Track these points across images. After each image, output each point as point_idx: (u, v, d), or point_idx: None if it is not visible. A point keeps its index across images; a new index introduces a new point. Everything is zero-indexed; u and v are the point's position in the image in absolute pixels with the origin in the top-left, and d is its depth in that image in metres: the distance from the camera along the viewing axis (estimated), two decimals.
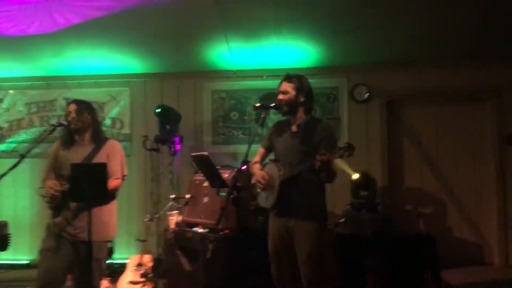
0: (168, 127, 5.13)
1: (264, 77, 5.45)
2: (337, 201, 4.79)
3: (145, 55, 5.15)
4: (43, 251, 2.94)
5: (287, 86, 2.89)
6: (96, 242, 2.75)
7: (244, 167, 4.15)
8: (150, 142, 5.11)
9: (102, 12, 4.13)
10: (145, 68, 5.50)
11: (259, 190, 2.94)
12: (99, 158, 3.02)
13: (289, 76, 2.94)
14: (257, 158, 3.08)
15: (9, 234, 2.80)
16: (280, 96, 2.90)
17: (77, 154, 3.03)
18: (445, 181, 5.21)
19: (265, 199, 2.90)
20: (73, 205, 2.89)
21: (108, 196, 2.69)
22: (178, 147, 5.19)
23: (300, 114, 2.91)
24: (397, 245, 3.96)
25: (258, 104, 2.94)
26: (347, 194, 4.77)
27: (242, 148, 5.45)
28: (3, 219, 5.48)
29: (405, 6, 3.93)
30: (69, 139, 3.11)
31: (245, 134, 5.50)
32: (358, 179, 4.63)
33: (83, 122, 3.08)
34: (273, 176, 2.82)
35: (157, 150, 5.17)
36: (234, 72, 5.48)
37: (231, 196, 2.73)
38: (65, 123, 2.97)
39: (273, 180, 2.81)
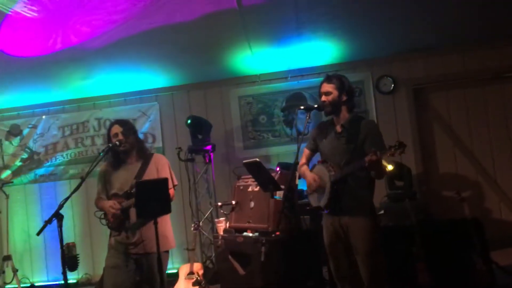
0: (200, 136, 5.23)
1: (289, 78, 5.51)
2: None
3: (171, 69, 5.27)
4: (108, 269, 3.04)
5: (328, 87, 2.93)
6: (161, 253, 2.83)
7: (277, 168, 4.27)
8: (184, 153, 5.22)
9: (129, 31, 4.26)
10: (172, 81, 5.61)
11: (310, 192, 2.99)
12: (149, 172, 3.13)
13: (329, 76, 2.97)
14: (303, 160, 3.12)
15: (77, 254, 2.89)
16: (323, 98, 2.93)
17: (128, 172, 3.13)
18: (479, 163, 5.22)
19: (317, 200, 2.95)
20: (132, 221, 2.99)
21: (170, 210, 2.78)
22: (211, 155, 5.28)
23: (344, 113, 2.95)
24: (444, 231, 3.98)
25: (302, 107, 2.99)
26: (382, 186, 4.79)
27: (273, 151, 5.53)
28: (46, 239, 5.70)
29: None
30: (117, 160, 3.21)
31: (275, 136, 5.57)
32: (392, 170, 4.67)
33: (131, 142, 3.19)
34: (324, 177, 2.87)
35: (192, 160, 5.28)
36: (259, 76, 5.55)
37: (286, 199, 2.79)
38: (117, 143, 3.07)
39: (323, 181, 2.87)
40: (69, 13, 3.80)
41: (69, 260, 2.74)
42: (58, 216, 2.61)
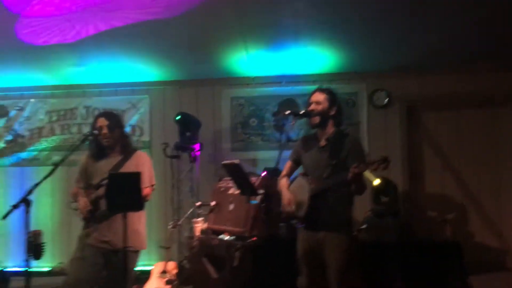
0: (188, 134, 5.14)
1: (283, 83, 5.46)
2: (357, 207, 4.71)
3: (164, 63, 5.20)
4: (74, 260, 2.97)
5: (320, 97, 2.90)
6: (129, 251, 2.76)
7: (264, 173, 4.20)
8: (170, 149, 5.14)
9: (124, 21, 4.20)
10: (164, 76, 5.54)
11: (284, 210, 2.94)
12: (127, 168, 3.05)
13: (322, 88, 2.96)
14: (284, 171, 3.08)
15: (43, 243, 2.81)
16: (313, 106, 2.89)
17: (106, 165, 3.07)
18: (466, 186, 5.18)
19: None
20: (105, 215, 2.92)
21: (143, 205, 2.71)
22: (198, 154, 5.21)
23: (330, 127, 2.90)
24: (423, 252, 3.93)
25: (288, 112, 2.94)
26: (367, 200, 4.73)
27: (261, 155, 5.47)
28: (23, 224, 5.58)
29: (422, 12, 3.95)
30: (98, 151, 3.14)
31: (264, 140, 5.51)
32: (379, 185, 4.62)
33: (115, 137, 3.12)
34: (303, 190, 2.82)
35: (177, 157, 5.19)
36: (253, 78, 5.49)
37: (263, 204, 2.74)
38: (96, 132, 3.01)
39: (302, 195, 2.82)
40: None
41: (34, 248, 2.65)
42: (26, 202, 2.53)
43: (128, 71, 5.36)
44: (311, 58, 5.03)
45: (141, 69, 5.33)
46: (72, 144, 5.56)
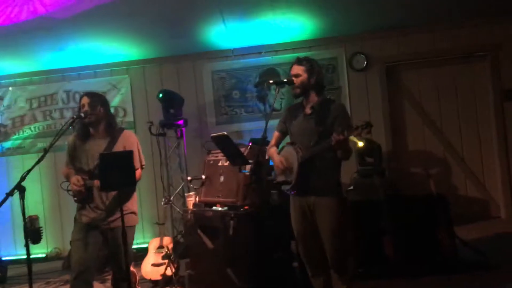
0: (172, 111, 5.15)
1: (262, 53, 5.47)
2: (344, 170, 4.82)
3: (142, 41, 5.16)
4: (74, 242, 3.00)
5: (298, 69, 2.92)
6: (126, 227, 2.80)
7: (250, 144, 4.26)
8: (156, 128, 5.15)
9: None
10: (143, 54, 5.50)
11: (278, 174, 3.01)
12: (116, 150, 3.04)
13: (299, 59, 2.98)
14: (272, 141, 3.13)
15: (41, 227, 2.84)
16: (293, 79, 2.93)
17: (95, 147, 3.05)
18: (448, 141, 5.33)
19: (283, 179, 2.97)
20: (98, 195, 2.95)
21: (135, 182, 2.74)
22: (183, 130, 5.23)
23: (313, 96, 2.95)
24: (410, 206, 4.06)
25: (271, 81, 2.96)
26: (352, 162, 4.84)
27: (245, 126, 5.53)
28: (13, 213, 5.58)
29: None
30: (85, 132, 3.12)
31: (248, 112, 5.55)
32: (363, 146, 4.72)
33: (97, 115, 3.09)
34: (291, 158, 2.88)
35: (163, 134, 5.20)
36: (232, 51, 5.49)
37: (253, 173, 2.79)
38: (82, 115, 3.00)
39: (291, 162, 2.88)
40: None
41: (32, 233, 2.68)
42: (20, 188, 2.55)
43: (107, 52, 5.31)
44: (288, 25, 5.04)
45: (120, 49, 5.28)
46: (59, 129, 5.49)
